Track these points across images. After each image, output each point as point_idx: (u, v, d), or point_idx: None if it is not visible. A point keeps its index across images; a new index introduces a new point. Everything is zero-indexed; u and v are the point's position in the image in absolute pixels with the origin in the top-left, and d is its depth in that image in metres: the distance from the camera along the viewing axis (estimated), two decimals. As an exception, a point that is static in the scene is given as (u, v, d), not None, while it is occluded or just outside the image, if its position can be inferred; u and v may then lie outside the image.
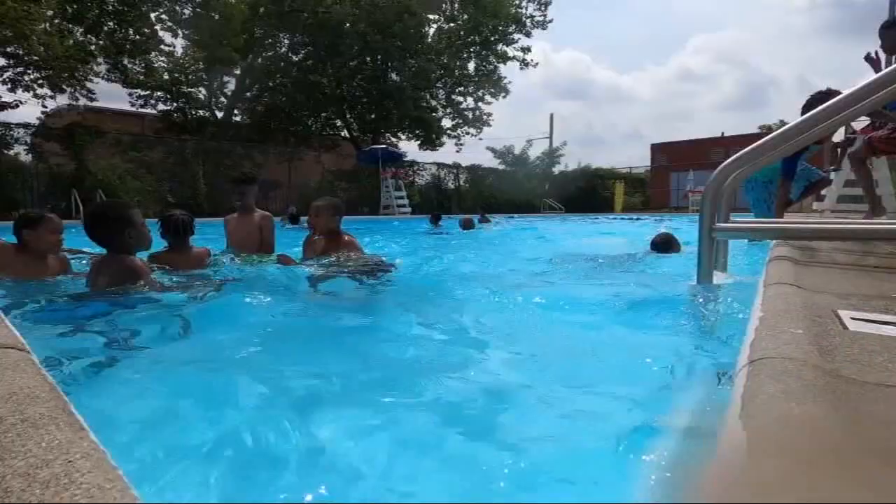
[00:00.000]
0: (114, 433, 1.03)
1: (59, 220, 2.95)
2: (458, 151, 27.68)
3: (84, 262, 3.13)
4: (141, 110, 19.83)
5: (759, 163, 2.21)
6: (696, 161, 24.70)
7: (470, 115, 24.82)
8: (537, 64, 24.33)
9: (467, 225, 9.57)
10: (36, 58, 13.92)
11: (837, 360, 0.94)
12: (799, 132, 2.07)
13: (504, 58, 23.57)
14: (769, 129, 24.48)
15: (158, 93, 19.14)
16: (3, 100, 14.47)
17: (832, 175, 6.81)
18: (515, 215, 16.62)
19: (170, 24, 18.46)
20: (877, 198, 4.67)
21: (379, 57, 21.75)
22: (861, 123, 6.48)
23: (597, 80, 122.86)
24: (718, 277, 2.41)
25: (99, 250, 2.65)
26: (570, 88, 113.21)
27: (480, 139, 27.82)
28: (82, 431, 0.62)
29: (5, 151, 13.27)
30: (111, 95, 26.89)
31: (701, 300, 2.21)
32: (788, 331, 1.08)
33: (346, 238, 3.46)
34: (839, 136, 7.40)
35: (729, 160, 2.16)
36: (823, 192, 5.91)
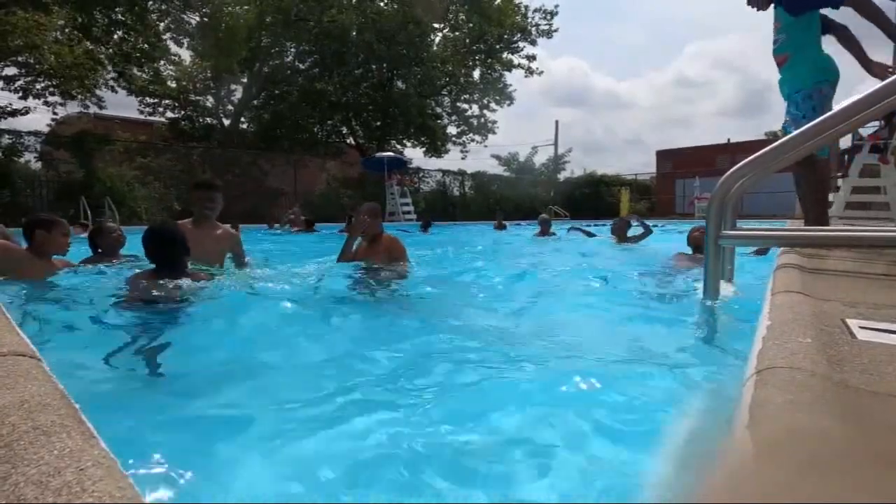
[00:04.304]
0: (125, 441, 1.04)
1: (68, 224, 3.00)
2: (463, 158, 27.91)
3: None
4: (149, 118, 20.05)
5: (766, 170, 2.20)
6: (701, 168, 24.64)
7: (475, 123, 24.93)
8: (542, 72, 24.40)
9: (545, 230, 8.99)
10: (47, 66, 14.11)
11: (846, 370, 0.93)
12: (806, 139, 2.06)
13: (509, 66, 23.68)
14: (776, 136, 24.38)
15: (166, 101, 19.35)
16: (13, 107, 14.68)
17: (839, 182, 6.78)
18: (523, 222, 16.60)
19: (176, 34, 18.69)
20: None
21: (384, 65, 21.89)
22: (868, 129, 6.46)
23: (596, 87, 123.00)
24: (724, 286, 2.39)
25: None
26: (569, 96, 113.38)
27: (485, 146, 27.95)
28: (93, 439, 0.63)
29: (15, 159, 13.42)
30: (120, 104, 27.27)
31: (708, 307, 2.20)
32: (796, 340, 1.08)
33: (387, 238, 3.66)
34: (846, 142, 7.37)
35: (735, 167, 2.15)
36: (831, 198, 5.81)
